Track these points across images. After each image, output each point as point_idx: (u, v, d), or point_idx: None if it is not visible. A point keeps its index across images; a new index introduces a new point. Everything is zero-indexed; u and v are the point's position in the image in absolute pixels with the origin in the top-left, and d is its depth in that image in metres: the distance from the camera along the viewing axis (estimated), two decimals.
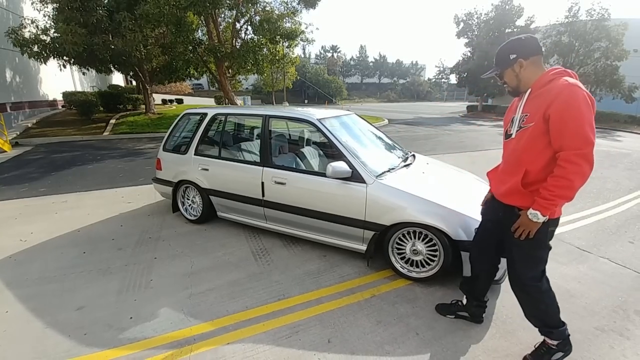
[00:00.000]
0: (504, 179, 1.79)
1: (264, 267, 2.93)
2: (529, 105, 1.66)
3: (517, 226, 1.70)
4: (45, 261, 3.06)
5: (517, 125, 1.69)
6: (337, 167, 2.67)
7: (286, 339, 2.08)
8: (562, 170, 1.53)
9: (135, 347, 2.03)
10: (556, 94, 1.51)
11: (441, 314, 2.30)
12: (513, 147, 1.74)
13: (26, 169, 6.85)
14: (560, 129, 1.52)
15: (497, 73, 1.77)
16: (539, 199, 1.59)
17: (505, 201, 1.80)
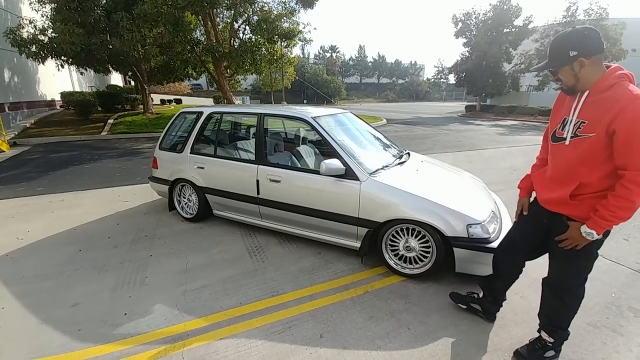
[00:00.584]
0: (552, 187, 1.68)
1: (258, 264, 2.95)
2: (587, 111, 1.51)
3: (564, 237, 1.62)
4: (42, 259, 3.08)
5: (572, 132, 1.55)
6: (330, 165, 2.69)
7: (279, 334, 2.09)
8: (626, 191, 1.43)
9: (129, 342, 2.05)
10: (622, 107, 1.38)
11: (454, 301, 2.32)
12: (566, 155, 1.59)
13: (24, 169, 6.86)
14: (626, 147, 1.40)
15: (552, 70, 1.59)
16: (597, 218, 1.49)
17: (551, 209, 1.70)
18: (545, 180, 1.75)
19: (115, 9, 11.20)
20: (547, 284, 1.85)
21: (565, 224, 1.63)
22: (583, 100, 1.53)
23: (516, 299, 2.46)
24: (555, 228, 1.69)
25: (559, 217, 1.67)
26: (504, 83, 23.76)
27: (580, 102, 1.54)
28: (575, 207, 1.59)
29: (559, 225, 1.66)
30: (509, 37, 22.63)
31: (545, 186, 1.75)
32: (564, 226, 1.63)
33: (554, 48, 1.55)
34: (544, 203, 1.75)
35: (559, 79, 1.58)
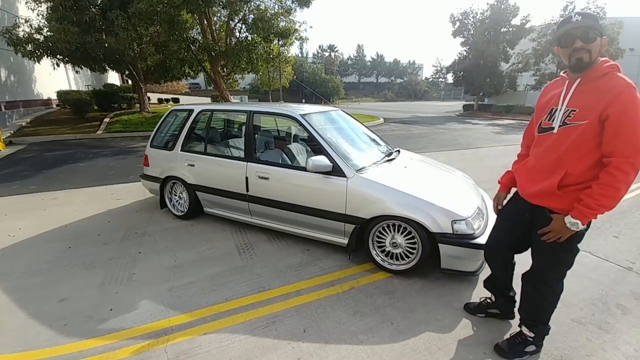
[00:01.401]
0: (536, 178, 1.65)
1: (247, 260, 2.96)
2: (579, 99, 1.50)
3: (547, 230, 1.60)
4: (32, 255, 3.09)
5: (561, 120, 1.52)
6: (317, 161, 2.70)
7: (262, 329, 2.11)
8: (612, 178, 1.41)
9: (113, 337, 2.06)
10: (617, 93, 1.39)
11: (470, 313, 2.23)
12: (553, 144, 1.57)
13: (18, 167, 6.85)
14: (615, 133, 1.40)
15: (589, 37, 1.45)
16: (582, 207, 1.46)
17: (534, 202, 1.67)
18: (529, 172, 1.74)
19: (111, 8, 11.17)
20: (528, 279, 1.85)
21: (548, 216, 1.61)
22: (574, 88, 1.52)
23: None
24: (538, 221, 1.67)
25: (541, 211, 1.66)
26: (501, 82, 23.83)
27: (571, 91, 1.52)
28: (560, 199, 1.57)
29: (541, 219, 1.65)
30: (507, 36, 22.69)
31: (528, 179, 1.72)
32: (547, 219, 1.62)
33: (593, 17, 1.47)
34: (527, 196, 1.73)
35: (587, 49, 1.46)
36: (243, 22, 13.29)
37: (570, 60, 1.52)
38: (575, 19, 1.46)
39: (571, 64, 1.52)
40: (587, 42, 1.46)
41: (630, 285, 2.67)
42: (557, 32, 1.54)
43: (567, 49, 1.51)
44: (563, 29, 1.50)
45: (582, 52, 1.47)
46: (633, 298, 2.49)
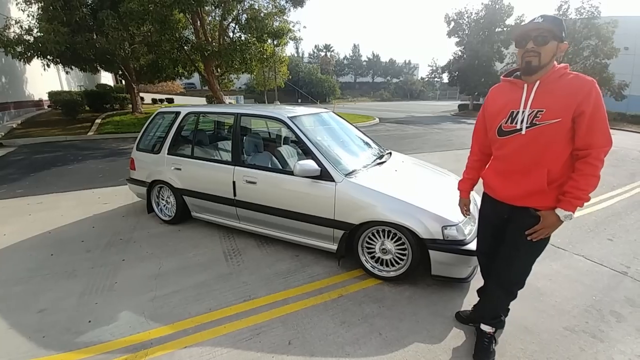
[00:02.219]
0: (517, 180, 1.64)
1: (233, 267, 2.88)
2: (544, 100, 1.51)
3: (540, 227, 1.61)
4: (14, 263, 3.01)
5: (528, 122, 1.54)
6: (304, 165, 2.63)
7: (246, 341, 2.03)
8: (594, 168, 1.49)
9: (90, 351, 1.98)
10: (589, 90, 1.44)
11: (463, 322, 2.19)
12: (524, 144, 1.57)
13: (7, 170, 6.70)
14: (592, 126, 1.46)
15: (544, 37, 1.48)
16: (572, 199, 1.52)
17: (520, 203, 1.67)
18: (502, 175, 1.72)
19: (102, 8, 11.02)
20: (500, 284, 1.85)
21: (534, 215, 1.62)
22: (535, 90, 1.54)
23: None
24: (518, 222, 1.69)
25: (523, 211, 1.66)
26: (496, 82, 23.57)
27: (532, 93, 1.54)
28: (547, 196, 1.59)
29: (522, 219, 1.66)
30: (501, 36, 22.75)
31: (505, 182, 1.71)
32: (531, 218, 1.63)
33: (554, 21, 1.49)
34: (508, 199, 1.71)
35: (537, 53, 1.49)
36: (236, 21, 13.19)
37: (521, 62, 1.56)
38: (537, 21, 1.49)
39: (522, 66, 1.57)
40: (538, 45, 1.48)
41: (625, 290, 2.61)
42: (514, 33, 1.57)
43: (521, 49, 1.55)
44: (519, 30, 1.54)
45: (531, 54, 1.50)
46: (628, 304, 2.43)
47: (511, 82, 1.66)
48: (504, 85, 1.72)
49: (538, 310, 2.33)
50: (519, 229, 1.67)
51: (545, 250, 3.21)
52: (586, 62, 19.47)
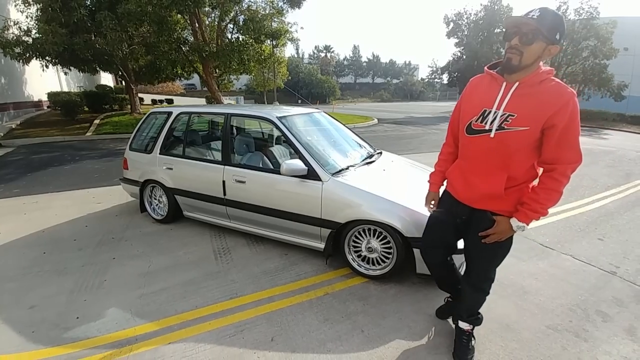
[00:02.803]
0: (476, 183, 1.61)
1: (222, 266, 2.91)
2: (517, 104, 1.44)
3: (492, 232, 1.60)
4: (8, 261, 3.05)
5: (498, 124, 1.47)
6: (291, 165, 2.66)
7: (229, 337, 2.06)
8: (557, 184, 1.45)
9: (77, 346, 2.01)
10: (565, 102, 1.36)
11: (443, 318, 2.21)
12: (491, 148, 1.52)
13: (4, 170, 6.75)
14: (560, 140, 1.40)
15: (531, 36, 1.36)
16: (528, 211, 1.49)
17: (477, 206, 1.65)
18: (464, 175, 1.68)
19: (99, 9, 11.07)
20: (469, 282, 1.85)
21: (491, 219, 1.60)
22: (512, 92, 1.45)
23: None
24: (477, 224, 1.66)
25: (481, 214, 1.64)
26: None
27: (509, 95, 1.45)
28: (504, 202, 1.56)
29: (480, 221, 1.64)
30: (500, 37, 22.70)
31: (466, 183, 1.67)
32: (488, 221, 1.61)
33: (552, 16, 1.35)
34: (468, 201, 1.68)
35: (518, 51, 1.38)
36: (234, 22, 13.23)
37: (504, 57, 1.47)
38: (531, 15, 1.35)
39: (503, 61, 1.49)
40: (523, 43, 1.37)
41: (612, 290, 2.61)
42: (507, 21, 1.44)
43: (507, 42, 1.44)
44: (510, 21, 1.42)
45: (514, 51, 1.40)
46: (615, 304, 2.42)
47: (492, 77, 1.56)
48: (485, 78, 1.62)
49: (521, 309, 2.35)
50: (477, 231, 1.65)
51: (532, 249, 3.29)
52: (585, 62, 19.45)
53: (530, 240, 3.48)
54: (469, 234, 1.73)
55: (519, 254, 3.14)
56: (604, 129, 16.75)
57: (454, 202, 1.76)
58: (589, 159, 8.29)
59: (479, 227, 1.64)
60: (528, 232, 3.64)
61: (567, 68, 20.12)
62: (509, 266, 2.91)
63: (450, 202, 1.79)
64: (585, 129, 17.00)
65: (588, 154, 9.01)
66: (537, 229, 3.75)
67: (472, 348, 1.92)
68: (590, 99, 20.93)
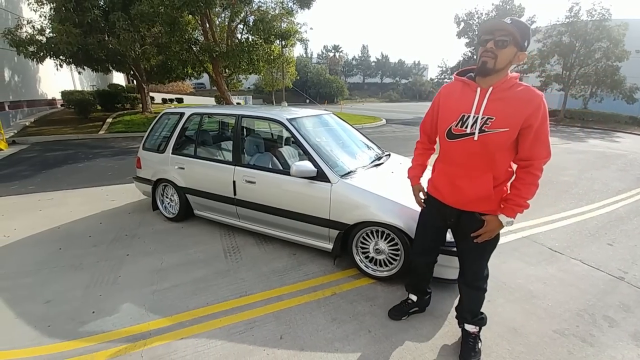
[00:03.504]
0: (463, 186, 1.68)
1: (232, 264, 2.97)
2: (495, 108, 1.54)
3: (483, 232, 1.68)
4: (24, 256, 3.14)
5: (479, 127, 1.56)
6: (301, 166, 2.70)
7: (240, 334, 2.11)
8: (534, 178, 1.58)
9: (92, 340, 2.08)
10: (537, 105, 1.48)
11: (394, 319, 2.25)
12: (475, 150, 1.60)
13: (19, 167, 6.93)
14: (536, 139, 1.52)
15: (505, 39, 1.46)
16: (514, 206, 1.60)
17: (467, 208, 1.71)
18: (452, 180, 1.73)
19: (113, 9, 11.28)
20: (466, 283, 1.91)
21: (479, 219, 1.70)
22: (487, 96, 1.55)
23: None
24: (467, 226, 1.75)
25: (470, 215, 1.72)
26: None
27: (485, 99, 1.55)
28: (492, 202, 1.66)
29: (470, 223, 1.73)
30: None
31: (454, 187, 1.73)
32: (478, 222, 1.70)
33: (522, 25, 1.47)
34: (455, 204, 1.75)
35: (493, 55, 1.48)
36: (244, 23, 13.35)
37: (478, 62, 1.56)
38: (500, 20, 1.47)
39: (477, 64, 1.57)
40: (497, 47, 1.47)
41: (620, 296, 2.61)
42: (479, 29, 1.58)
43: (482, 47, 1.53)
44: (485, 27, 1.53)
45: (489, 55, 1.49)
46: (622, 310, 2.42)
47: (464, 83, 1.65)
48: (456, 84, 1.70)
49: (528, 313, 2.36)
50: (468, 232, 1.74)
51: (541, 253, 3.29)
52: (598, 64, 19.15)
53: (540, 244, 3.47)
54: (460, 236, 1.84)
55: (527, 258, 3.15)
56: (616, 132, 16.48)
57: (441, 206, 1.83)
58: (601, 162, 8.18)
59: (470, 229, 1.73)
60: (538, 237, 3.65)
61: (580, 69, 19.84)
62: (517, 270, 2.93)
63: (437, 205, 1.85)
64: (598, 131, 16.75)
65: (600, 157, 8.89)
66: (546, 233, 3.74)
67: (479, 350, 1.94)
68: (602, 100, 20.62)
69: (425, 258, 2.07)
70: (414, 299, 2.28)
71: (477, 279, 1.87)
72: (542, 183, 1.66)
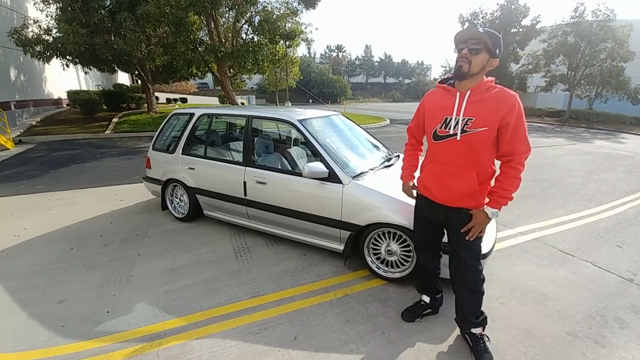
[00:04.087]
0: (450, 184, 1.79)
1: (243, 265, 2.98)
2: (473, 109, 1.67)
3: (472, 225, 1.78)
4: (35, 256, 3.15)
5: (461, 128, 1.68)
6: (313, 167, 2.71)
7: (254, 335, 2.12)
8: (516, 172, 1.70)
9: (108, 340, 2.09)
10: (512, 103, 1.60)
11: (407, 320, 2.25)
12: (459, 150, 1.72)
13: (26, 167, 6.98)
14: (514, 135, 1.64)
15: (478, 46, 1.60)
16: (498, 198, 1.72)
17: (455, 205, 1.81)
18: (440, 179, 1.83)
19: (119, 10, 11.33)
20: (460, 285, 1.95)
21: (467, 214, 1.79)
22: (466, 99, 1.68)
23: (496, 304, 2.46)
24: (455, 222, 1.84)
25: (457, 211, 1.82)
26: (510, 84, 23.49)
27: (464, 102, 1.68)
28: (478, 198, 1.76)
29: (459, 218, 1.82)
30: (517, 37, 22.34)
31: (441, 185, 1.83)
32: (466, 216, 1.79)
33: (493, 34, 1.61)
34: (444, 201, 1.84)
35: (468, 60, 1.62)
36: (249, 23, 13.37)
37: (455, 66, 1.70)
38: (473, 29, 1.62)
39: (454, 69, 1.70)
40: (471, 53, 1.61)
41: (630, 297, 2.62)
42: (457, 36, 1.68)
43: (458, 54, 1.67)
44: (459, 36, 1.66)
45: (464, 60, 1.63)
46: (632, 311, 2.43)
47: (445, 89, 1.80)
48: (438, 91, 1.86)
49: (542, 315, 2.36)
50: (459, 228, 1.83)
51: (553, 255, 3.29)
52: (603, 64, 19.04)
53: (551, 246, 3.46)
54: (451, 233, 1.91)
55: (539, 260, 3.14)
56: (621, 133, 16.37)
57: (431, 203, 1.93)
58: (608, 163, 8.14)
59: (459, 225, 1.83)
60: (549, 239, 3.65)
61: (585, 70, 19.73)
62: (529, 273, 2.92)
63: (428, 204, 1.96)
64: (603, 132, 16.64)
65: (606, 158, 8.84)
66: (557, 235, 3.74)
67: (490, 351, 1.94)
68: (607, 101, 20.49)
69: (427, 253, 2.13)
70: (427, 301, 2.29)
71: (472, 278, 1.90)
72: (551, 185, 1.70)
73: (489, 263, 2.97)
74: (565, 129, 17.78)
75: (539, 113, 22.65)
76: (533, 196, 5.11)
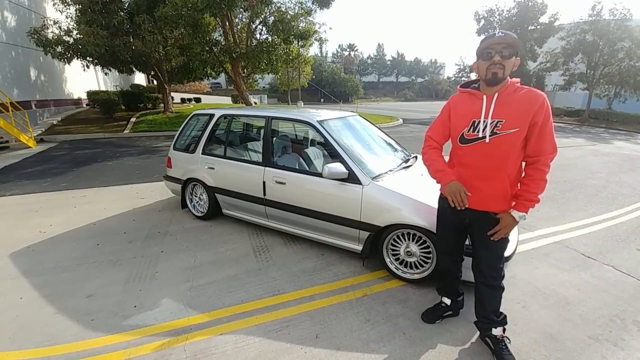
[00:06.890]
0: (480, 187, 1.77)
1: (262, 263, 3.04)
2: (503, 111, 1.66)
3: (499, 229, 1.77)
4: (61, 252, 3.27)
5: (490, 131, 1.67)
6: (333, 168, 2.74)
7: (276, 332, 2.17)
8: (542, 173, 1.68)
9: (137, 333, 2.17)
10: (541, 103, 1.60)
11: (428, 322, 2.26)
12: (488, 152, 1.70)
13: (49, 165, 7.23)
14: (542, 135, 1.63)
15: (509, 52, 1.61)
16: (525, 201, 1.70)
17: (483, 208, 1.80)
18: (469, 182, 1.80)
19: (138, 12, 11.58)
20: (483, 284, 1.95)
21: (494, 218, 1.79)
22: (494, 102, 1.68)
23: (517, 308, 2.44)
24: (482, 225, 1.83)
25: (484, 215, 1.80)
26: (528, 82, 22.97)
27: (492, 104, 1.68)
28: (507, 202, 1.76)
29: (486, 222, 1.81)
30: (534, 34, 21.84)
31: (472, 188, 1.79)
32: (493, 220, 1.79)
33: (515, 38, 1.62)
34: (472, 204, 1.81)
35: (502, 65, 1.61)
36: (264, 24, 13.48)
37: (486, 74, 1.66)
38: (498, 35, 1.61)
39: (487, 77, 1.67)
40: (503, 58, 1.61)
41: None
42: (480, 46, 1.67)
43: (486, 62, 1.64)
44: (485, 43, 1.64)
45: (497, 66, 1.62)
46: None
47: (470, 93, 1.79)
48: (463, 96, 1.84)
49: (564, 319, 2.33)
50: (484, 231, 1.82)
51: (574, 259, 3.25)
52: (621, 64, 18.51)
53: (572, 249, 3.40)
54: (475, 236, 1.90)
55: (560, 263, 3.10)
56: None
57: (454, 208, 1.87)
58: (628, 165, 7.92)
59: (486, 228, 1.82)
60: (570, 242, 3.59)
61: (604, 69, 19.19)
62: (551, 276, 2.89)
63: (452, 208, 1.89)
64: (622, 132, 16.14)
65: (626, 160, 8.60)
66: (578, 238, 3.68)
67: (512, 353, 1.94)
68: (626, 101, 19.90)
69: (451, 257, 2.12)
70: (448, 303, 2.29)
71: (495, 277, 1.91)
72: (572, 187, 1.69)
73: (510, 266, 2.95)
74: (584, 128, 17.31)
75: (558, 112, 22.09)
76: (553, 198, 5.02)
